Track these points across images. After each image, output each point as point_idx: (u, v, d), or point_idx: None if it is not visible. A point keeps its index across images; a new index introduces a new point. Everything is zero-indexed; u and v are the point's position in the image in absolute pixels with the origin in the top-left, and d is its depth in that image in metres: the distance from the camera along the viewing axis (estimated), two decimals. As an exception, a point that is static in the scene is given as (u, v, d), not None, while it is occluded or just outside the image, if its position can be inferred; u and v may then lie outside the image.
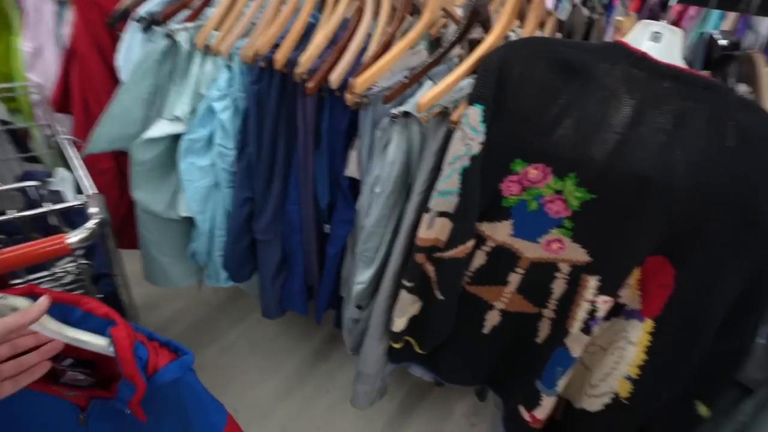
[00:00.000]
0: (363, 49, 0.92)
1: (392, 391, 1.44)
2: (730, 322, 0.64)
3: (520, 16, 0.81)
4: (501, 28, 0.80)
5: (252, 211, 1.05)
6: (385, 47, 0.88)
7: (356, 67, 0.86)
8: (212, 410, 0.64)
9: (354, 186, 0.94)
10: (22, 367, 0.51)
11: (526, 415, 0.80)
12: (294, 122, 0.93)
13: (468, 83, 0.75)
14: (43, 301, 0.51)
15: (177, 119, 1.02)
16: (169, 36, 0.99)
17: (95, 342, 0.54)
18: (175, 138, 1.03)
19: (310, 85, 0.83)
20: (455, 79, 0.74)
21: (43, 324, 0.51)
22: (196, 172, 1.02)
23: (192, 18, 1.07)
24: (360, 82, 0.78)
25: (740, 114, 0.60)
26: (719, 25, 1.37)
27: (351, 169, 0.91)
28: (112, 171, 1.19)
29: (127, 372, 0.54)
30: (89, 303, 0.57)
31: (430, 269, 0.79)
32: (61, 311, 0.55)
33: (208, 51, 1.01)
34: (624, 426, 0.74)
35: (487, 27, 0.85)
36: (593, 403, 0.75)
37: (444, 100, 0.74)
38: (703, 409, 0.70)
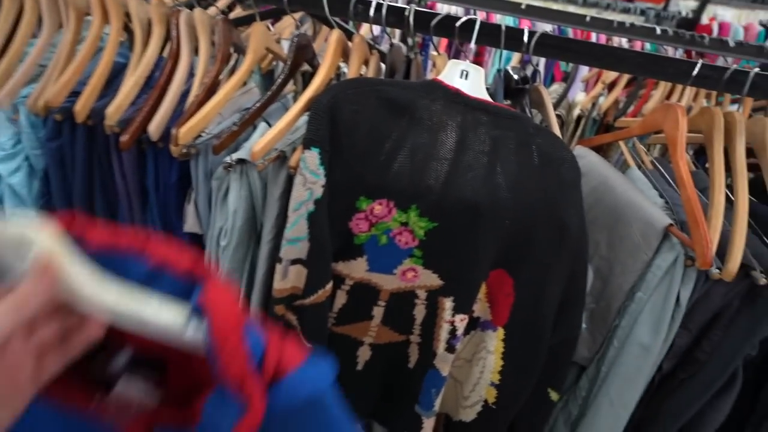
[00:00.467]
0: (186, 91, 0.84)
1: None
2: (561, 317, 0.73)
3: (344, 54, 0.82)
4: (329, 65, 0.80)
5: (72, 286, 0.88)
6: (210, 89, 0.81)
7: (180, 112, 0.78)
8: None
9: (197, 241, 0.85)
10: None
11: (410, 442, 0.81)
12: (112, 179, 0.80)
13: (304, 122, 0.73)
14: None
15: (-57, 190, 0.80)
16: None
17: (162, 320, 0.29)
18: (-55, 214, 0.81)
19: (124, 138, 0.72)
20: (288, 122, 0.72)
21: (72, 287, 0.28)
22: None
23: (-48, 61, 0.86)
24: (183, 133, 0.70)
25: (538, 138, 0.70)
26: (510, 59, 1.64)
27: (190, 224, 0.82)
28: None
29: (230, 375, 0.29)
30: (161, 249, 0.31)
31: (292, 318, 0.74)
32: (113, 265, 0.30)
33: (-21, 103, 0.82)
34: (496, 429, 0.79)
35: (313, 65, 0.85)
36: (468, 413, 0.79)
37: (280, 144, 0.72)
38: (554, 395, 0.79)
